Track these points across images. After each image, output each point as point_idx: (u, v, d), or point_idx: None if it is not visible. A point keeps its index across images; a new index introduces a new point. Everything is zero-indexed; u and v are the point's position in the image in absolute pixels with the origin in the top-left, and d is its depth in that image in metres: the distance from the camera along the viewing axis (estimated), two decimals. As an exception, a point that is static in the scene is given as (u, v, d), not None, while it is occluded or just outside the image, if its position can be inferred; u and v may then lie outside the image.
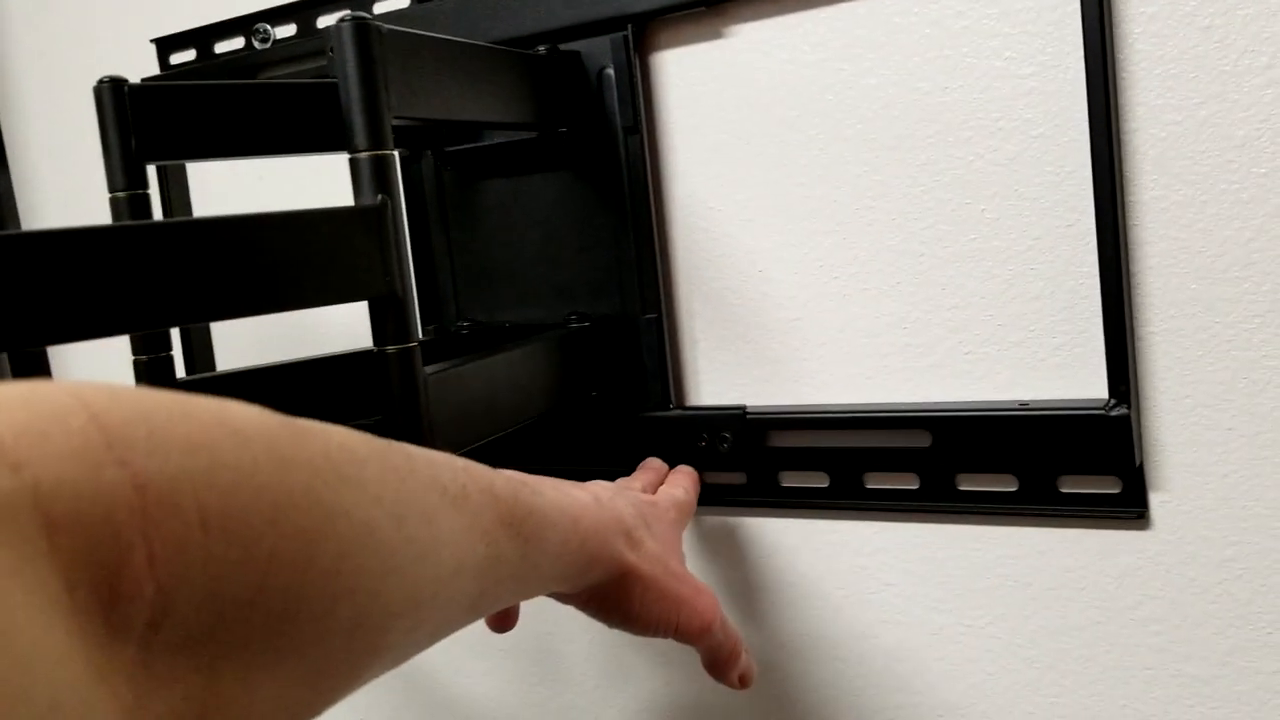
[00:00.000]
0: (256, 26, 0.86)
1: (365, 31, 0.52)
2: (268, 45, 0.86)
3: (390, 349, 0.54)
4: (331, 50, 0.53)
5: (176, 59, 0.92)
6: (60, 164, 1.04)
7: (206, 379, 0.65)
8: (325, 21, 0.83)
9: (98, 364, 1.00)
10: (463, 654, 0.88)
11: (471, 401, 0.60)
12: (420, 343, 0.55)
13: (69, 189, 1.04)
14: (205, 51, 0.90)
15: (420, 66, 0.57)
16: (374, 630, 0.31)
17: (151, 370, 0.60)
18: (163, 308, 0.46)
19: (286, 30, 0.85)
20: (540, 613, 0.82)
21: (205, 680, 0.25)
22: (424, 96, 0.58)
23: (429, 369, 0.57)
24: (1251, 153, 0.54)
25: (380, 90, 0.53)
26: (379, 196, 0.53)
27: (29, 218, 1.06)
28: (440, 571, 0.35)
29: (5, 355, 0.84)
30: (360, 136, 0.53)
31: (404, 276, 0.54)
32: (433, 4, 0.76)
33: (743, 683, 0.57)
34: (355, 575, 0.30)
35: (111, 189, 0.61)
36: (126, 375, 0.60)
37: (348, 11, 0.53)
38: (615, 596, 0.51)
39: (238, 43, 0.88)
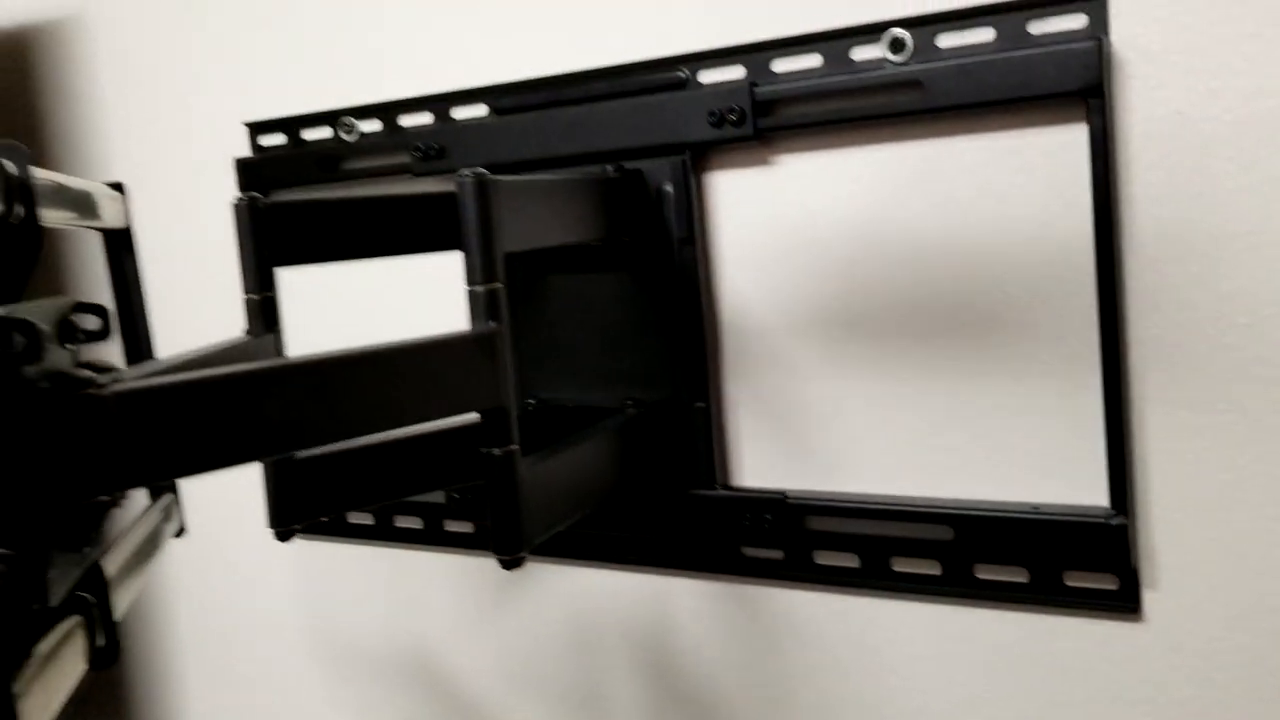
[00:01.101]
0: (343, 120, 0.95)
1: (484, 187, 0.61)
2: (352, 138, 0.95)
3: (496, 451, 0.63)
4: (458, 197, 0.62)
5: (266, 141, 1.00)
6: (148, 234, 1.12)
7: (318, 456, 0.73)
8: (407, 120, 0.92)
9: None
10: (507, 690, 0.96)
11: (558, 490, 0.69)
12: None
13: (153, 253, 1.12)
14: (294, 137, 0.98)
15: (523, 206, 0.66)
16: None
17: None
18: (313, 431, 0.55)
19: (371, 125, 0.94)
20: (592, 657, 0.91)
21: None
22: (525, 231, 0.67)
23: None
24: (1234, 305, 0.64)
25: (495, 234, 0.62)
26: (491, 324, 0.62)
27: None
28: None
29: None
30: (477, 273, 0.62)
31: (509, 391, 0.63)
32: (511, 118, 0.85)
33: None
34: None
35: (246, 291, 0.69)
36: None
37: (469, 170, 0.62)
38: None
39: (325, 132, 0.96)
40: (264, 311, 0.70)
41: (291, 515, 0.72)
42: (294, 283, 0.77)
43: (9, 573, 0.44)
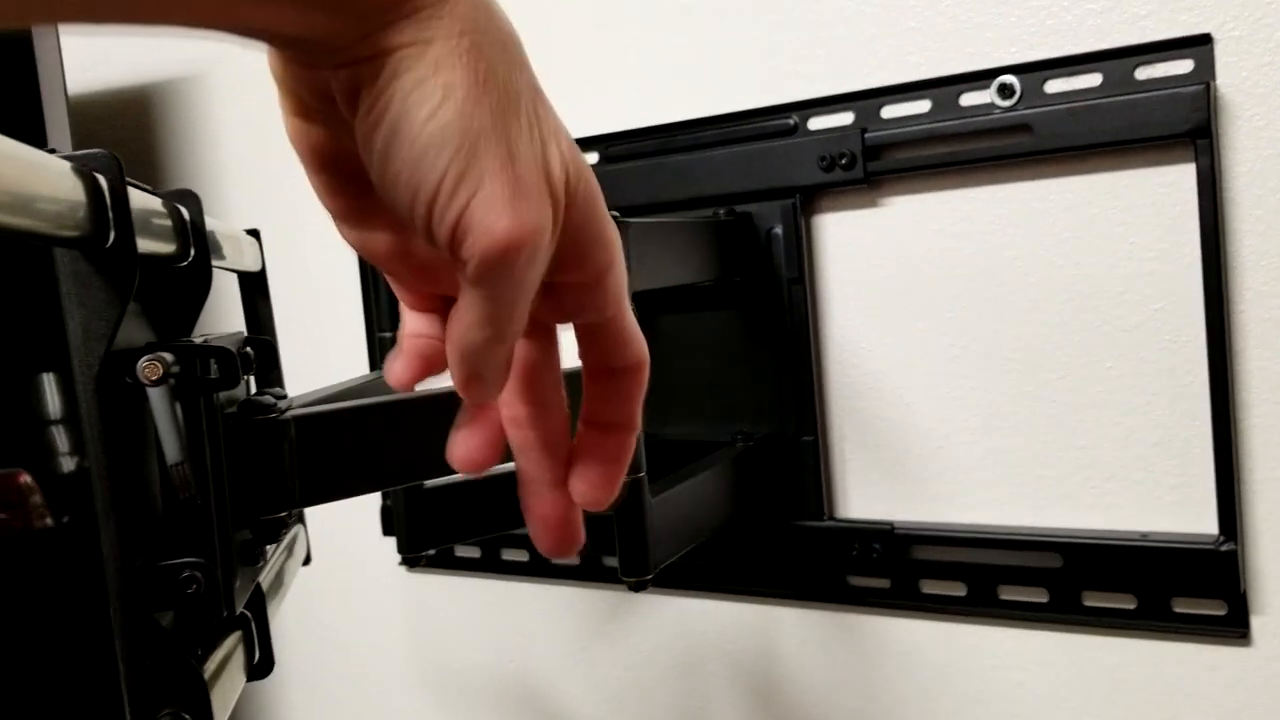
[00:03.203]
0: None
1: (618, 227, 0.65)
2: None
3: (626, 477, 0.66)
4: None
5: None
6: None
7: (444, 486, 0.76)
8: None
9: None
10: (611, 718, 0.99)
11: (680, 517, 0.72)
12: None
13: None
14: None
15: (649, 247, 0.70)
16: None
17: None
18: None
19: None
20: (697, 685, 0.93)
21: None
22: (650, 271, 0.70)
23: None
24: (1343, 336, 0.66)
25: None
26: (622, 357, 0.65)
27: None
28: None
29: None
30: (609, 309, 0.65)
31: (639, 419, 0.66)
32: (622, 165, 0.89)
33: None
34: None
35: (379, 330, 0.74)
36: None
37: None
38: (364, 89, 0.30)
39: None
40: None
41: (421, 542, 0.75)
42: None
43: (203, 582, 0.48)
